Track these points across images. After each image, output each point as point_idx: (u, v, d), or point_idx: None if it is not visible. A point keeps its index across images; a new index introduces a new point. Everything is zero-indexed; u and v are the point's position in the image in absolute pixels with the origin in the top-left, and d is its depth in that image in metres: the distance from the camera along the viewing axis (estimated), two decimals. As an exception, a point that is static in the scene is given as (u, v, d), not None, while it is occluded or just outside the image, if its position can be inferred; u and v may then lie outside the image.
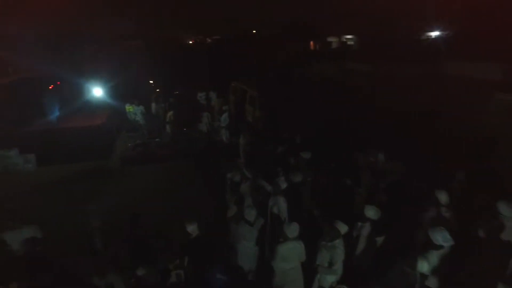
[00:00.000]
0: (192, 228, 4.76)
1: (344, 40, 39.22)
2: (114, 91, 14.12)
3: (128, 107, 13.13)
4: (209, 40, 51.38)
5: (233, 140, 10.83)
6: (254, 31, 59.38)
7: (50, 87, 20.94)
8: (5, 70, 15.02)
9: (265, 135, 10.24)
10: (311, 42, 42.15)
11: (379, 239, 4.96)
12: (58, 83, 21.45)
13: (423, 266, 3.84)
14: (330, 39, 40.07)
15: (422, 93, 12.22)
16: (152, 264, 4.71)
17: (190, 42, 52.40)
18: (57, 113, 11.75)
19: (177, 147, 11.32)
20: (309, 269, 4.70)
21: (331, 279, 4.57)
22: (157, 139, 11.94)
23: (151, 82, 18.46)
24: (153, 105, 13.51)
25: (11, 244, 4.60)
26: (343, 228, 4.52)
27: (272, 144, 8.81)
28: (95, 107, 12.06)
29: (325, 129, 9.38)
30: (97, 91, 11.33)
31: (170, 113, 12.06)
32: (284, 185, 5.63)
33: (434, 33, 26.60)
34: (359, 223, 4.95)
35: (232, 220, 5.22)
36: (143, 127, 12.58)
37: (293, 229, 4.44)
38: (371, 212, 4.86)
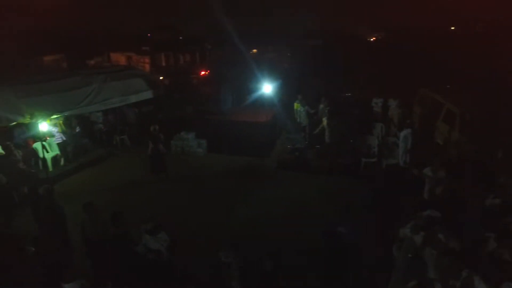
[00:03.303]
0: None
1: None
2: (285, 89, 13.80)
3: (297, 104, 12.46)
4: (393, 37, 46.00)
5: (414, 168, 8.18)
6: (453, 28, 49.57)
7: (201, 74, 23.48)
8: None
9: (466, 172, 7.21)
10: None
11: None
12: (208, 71, 23.81)
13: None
14: None
15: None
16: None
17: (371, 39, 48.67)
18: (230, 106, 12.30)
19: (338, 160, 9.72)
20: None
21: None
22: (317, 146, 10.70)
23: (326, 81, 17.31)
24: (321, 107, 12.27)
25: (136, 243, 4.41)
26: None
27: (478, 188, 5.92)
28: (264, 103, 11.96)
29: None
30: (267, 88, 11.06)
31: (332, 119, 10.40)
32: None
33: None
34: None
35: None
36: (305, 130, 11.60)
37: None
38: None
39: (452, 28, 47.74)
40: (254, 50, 34.43)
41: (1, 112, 7.53)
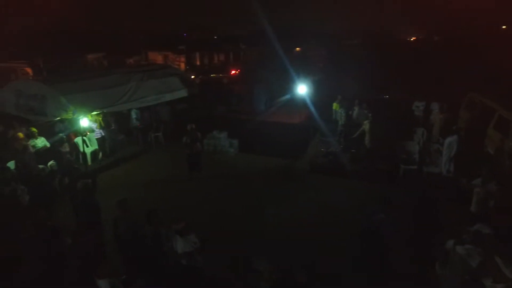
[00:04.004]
0: None
1: None
2: (320, 89, 13.41)
3: (336, 105, 12.07)
4: (437, 37, 43.58)
5: (460, 179, 7.51)
6: (505, 26, 46.01)
7: (231, 73, 23.36)
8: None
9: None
10: None
11: None
12: (238, 70, 23.56)
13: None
14: None
15: None
16: None
17: (411, 39, 46.47)
18: (263, 106, 12.16)
19: (375, 166, 9.24)
20: None
21: None
22: (352, 150, 10.26)
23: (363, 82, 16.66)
24: (356, 110, 11.79)
25: (164, 239, 4.41)
26: None
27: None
28: (298, 104, 11.71)
29: None
30: (302, 89, 10.78)
31: (369, 122, 9.90)
32: None
33: None
34: None
35: None
36: (341, 133, 11.17)
37: None
38: None
39: (504, 27, 44.36)
40: (298, 49, 33.97)
41: (47, 107, 7.94)
